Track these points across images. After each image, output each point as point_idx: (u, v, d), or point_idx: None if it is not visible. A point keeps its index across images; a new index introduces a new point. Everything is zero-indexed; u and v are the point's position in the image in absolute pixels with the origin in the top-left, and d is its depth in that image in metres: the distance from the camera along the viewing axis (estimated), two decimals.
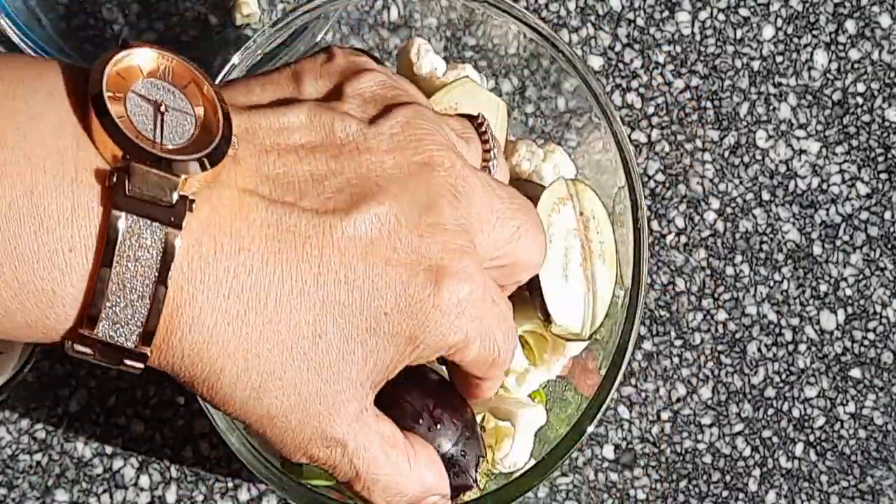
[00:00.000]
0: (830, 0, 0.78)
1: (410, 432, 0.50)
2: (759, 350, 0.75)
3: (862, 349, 0.76)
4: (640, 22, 0.77)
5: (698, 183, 0.76)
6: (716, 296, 0.75)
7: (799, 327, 0.76)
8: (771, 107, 0.77)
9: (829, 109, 0.77)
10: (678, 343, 0.75)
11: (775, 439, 0.75)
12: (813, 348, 0.76)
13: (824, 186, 0.77)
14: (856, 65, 0.78)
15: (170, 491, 0.72)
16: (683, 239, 0.76)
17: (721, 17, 0.77)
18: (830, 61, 0.77)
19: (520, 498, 0.59)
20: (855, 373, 0.76)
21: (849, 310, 0.76)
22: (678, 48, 0.77)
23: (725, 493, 0.74)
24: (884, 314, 0.76)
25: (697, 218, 0.76)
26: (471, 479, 0.53)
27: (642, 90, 0.76)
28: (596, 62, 0.76)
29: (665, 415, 0.74)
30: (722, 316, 0.75)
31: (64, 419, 0.72)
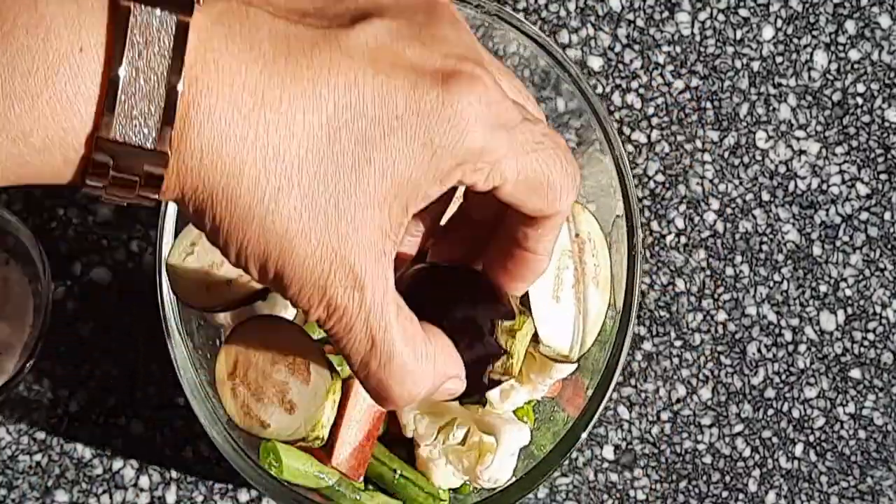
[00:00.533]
0: (830, 0, 0.78)
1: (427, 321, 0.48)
2: (759, 351, 0.75)
3: (862, 350, 0.76)
4: (640, 22, 0.77)
5: (698, 183, 0.76)
6: (716, 296, 0.75)
7: (799, 328, 0.76)
8: (771, 107, 0.77)
9: (829, 110, 0.77)
10: (678, 344, 0.75)
11: (775, 440, 0.75)
12: (813, 349, 0.76)
13: (824, 187, 0.77)
14: (856, 65, 0.77)
15: (170, 491, 0.72)
16: (683, 239, 0.76)
17: (721, 18, 0.77)
18: (830, 62, 0.77)
19: None
20: (855, 373, 0.76)
21: (849, 310, 0.76)
22: (678, 49, 0.77)
23: (725, 494, 0.74)
24: (884, 315, 0.76)
25: (697, 218, 0.76)
26: (493, 345, 0.49)
27: (642, 91, 0.76)
28: (596, 63, 0.76)
29: (665, 415, 0.74)
30: (722, 316, 0.75)
31: (64, 419, 0.72)
